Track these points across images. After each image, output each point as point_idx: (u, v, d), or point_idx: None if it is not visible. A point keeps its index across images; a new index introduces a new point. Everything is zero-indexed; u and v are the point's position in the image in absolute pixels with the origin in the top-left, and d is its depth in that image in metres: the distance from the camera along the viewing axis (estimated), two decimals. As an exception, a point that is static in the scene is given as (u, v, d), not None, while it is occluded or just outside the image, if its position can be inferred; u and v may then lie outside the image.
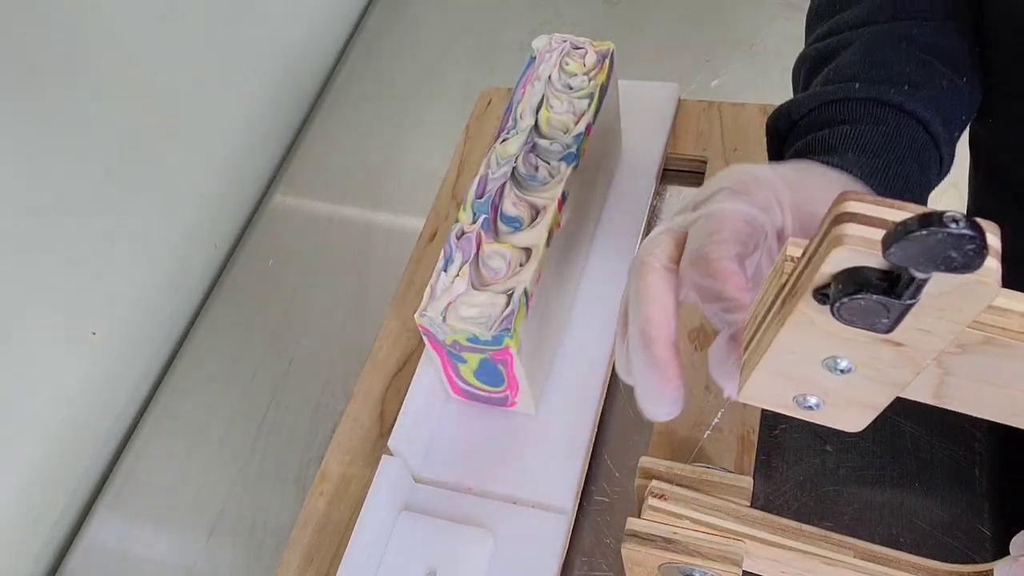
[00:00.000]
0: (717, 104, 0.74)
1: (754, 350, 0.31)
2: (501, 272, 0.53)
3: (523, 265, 0.53)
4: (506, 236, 0.55)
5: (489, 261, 0.54)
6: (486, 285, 0.53)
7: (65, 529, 0.68)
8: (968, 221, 0.21)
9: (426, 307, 0.52)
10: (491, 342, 0.51)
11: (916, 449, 0.57)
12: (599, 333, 0.62)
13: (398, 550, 0.54)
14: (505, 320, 0.51)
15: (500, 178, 0.56)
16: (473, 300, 0.52)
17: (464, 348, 0.53)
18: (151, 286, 0.74)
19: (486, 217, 0.55)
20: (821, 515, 0.56)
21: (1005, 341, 0.27)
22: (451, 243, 0.54)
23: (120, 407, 0.72)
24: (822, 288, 0.26)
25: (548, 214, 0.55)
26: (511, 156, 0.57)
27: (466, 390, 0.59)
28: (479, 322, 0.51)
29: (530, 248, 0.54)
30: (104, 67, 0.66)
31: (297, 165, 0.86)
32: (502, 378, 0.55)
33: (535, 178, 0.57)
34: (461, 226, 0.55)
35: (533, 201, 0.56)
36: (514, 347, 0.51)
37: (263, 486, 0.65)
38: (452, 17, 0.95)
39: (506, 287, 0.52)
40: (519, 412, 0.59)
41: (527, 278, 0.52)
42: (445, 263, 0.53)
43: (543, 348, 0.58)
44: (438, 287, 0.53)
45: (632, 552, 0.45)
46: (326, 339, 0.72)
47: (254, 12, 0.83)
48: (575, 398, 0.59)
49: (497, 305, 0.51)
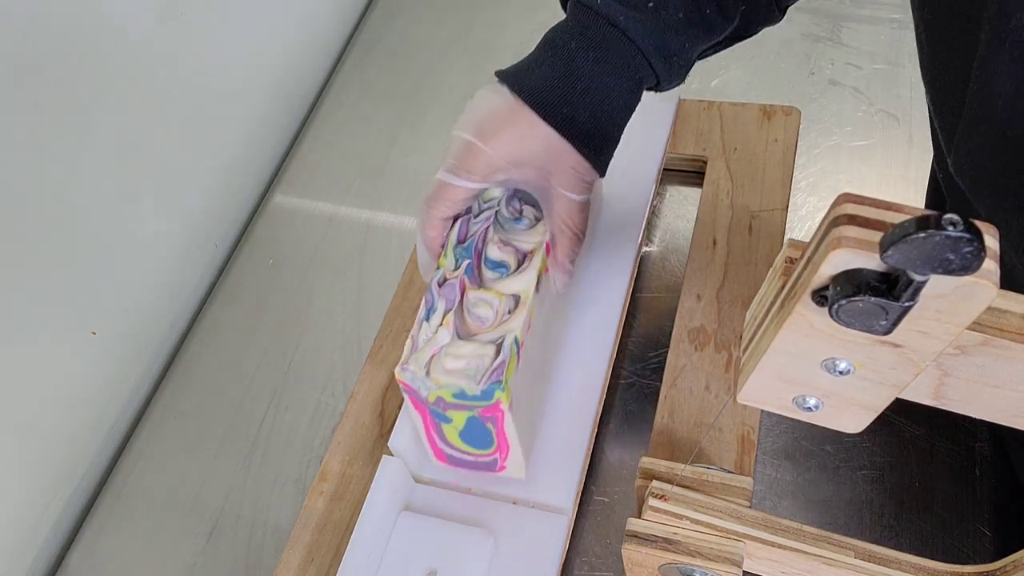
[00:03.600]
0: (717, 104, 0.74)
1: (753, 352, 0.31)
2: (488, 320, 0.49)
3: (511, 312, 0.50)
4: (492, 282, 0.51)
5: (474, 309, 0.50)
6: (472, 335, 0.49)
7: (65, 529, 0.68)
8: (966, 224, 0.21)
9: (407, 360, 0.48)
10: (480, 397, 0.47)
11: (916, 449, 0.57)
12: (598, 333, 0.62)
13: (398, 550, 0.54)
14: (495, 372, 0.47)
15: (483, 222, 0.53)
16: (459, 351, 0.48)
17: (449, 406, 0.49)
18: (151, 286, 0.74)
19: (469, 262, 0.51)
20: (821, 515, 0.56)
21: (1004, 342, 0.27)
22: (433, 291, 0.50)
23: (120, 407, 0.72)
24: (820, 290, 0.26)
25: (536, 259, 0.52)
26: (494, 200, 0.54)
27: (450, 455, 0.54)
28: (466, 374, 0.47)
29: (518, 295, 0.50)
30: (104, 67, 0.66)
31: (297, 165, 0.86)
32: (491, 439, 0.51)
33: (520, 221, 0.54)
34: (443, 272, 0.51)
35: (518, 245, 0.53)
36: (505, 402, 0.47)
37: (263, 486, 0.65)
38: (452, 17, 0.95)
39: (494, 336, 0.49)
40: (508, 477, 0.55)
41: (517, 326, 0.49)
42: (427, 312, 0.50)
43: (535, 405, 0.56)
44: (420, 338, 0.49)
45: (632, 552, 0.46)
46: (326, 339, 0.72)
47: (254, 12, 0.83)
48: (575, 398, 0.59)
49: (485, 356, 0.48)
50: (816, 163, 0.74)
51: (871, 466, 0.57)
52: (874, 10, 0.83)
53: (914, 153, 0.72)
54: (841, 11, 0.84)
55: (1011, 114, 0.36)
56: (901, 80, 0.78)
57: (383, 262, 0.76)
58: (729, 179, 0.69)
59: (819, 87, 0.79)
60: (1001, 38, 0.35)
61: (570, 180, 0.50)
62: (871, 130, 0.75)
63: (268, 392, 0.70)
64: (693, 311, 0.63)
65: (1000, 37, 0.35)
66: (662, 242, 0.71)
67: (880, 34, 0.81)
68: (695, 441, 0.56)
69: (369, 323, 0.71)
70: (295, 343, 0.73)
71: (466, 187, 0.50)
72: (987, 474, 0.56)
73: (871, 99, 0.77)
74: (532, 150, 0.49)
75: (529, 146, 0.49)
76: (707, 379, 0.59)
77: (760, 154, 0.70)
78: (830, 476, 0.57)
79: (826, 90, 0.78)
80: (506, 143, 0.49)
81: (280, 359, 0.72)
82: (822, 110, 0.77)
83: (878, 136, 0.74)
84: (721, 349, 0.61)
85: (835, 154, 0.74)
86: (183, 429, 0.70)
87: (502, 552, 0.54)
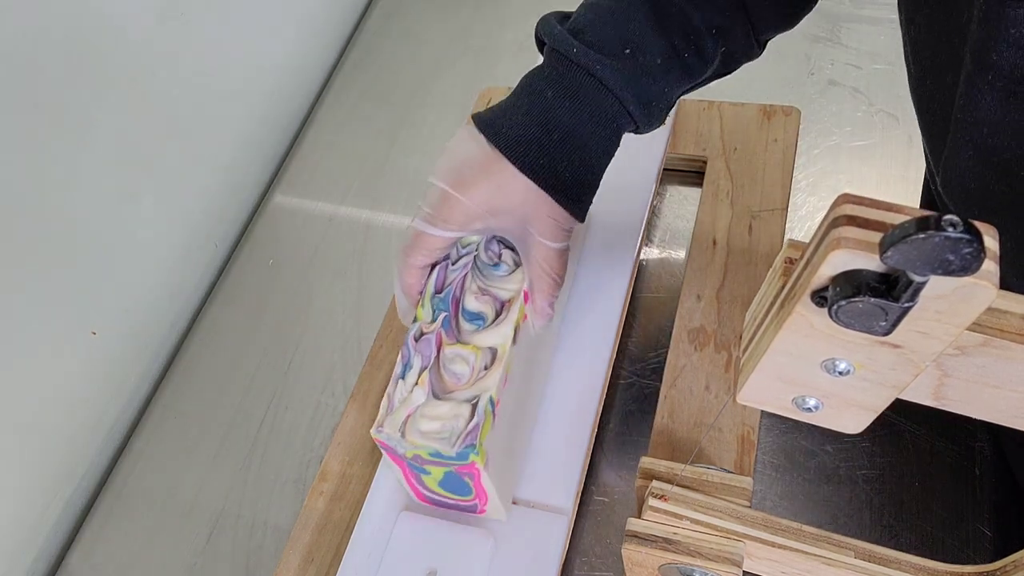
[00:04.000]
0: (717, 104, 0.74)
1: (753, 352, 0.31)
2: (464, 377, 0.49)
3: (488, 368, 0.49)
4: (469, 335, 0.51)
5: (451, 365, 0.50)
6: (448, 392, 0.49)
7: (66, 529, 0.68)
8: (966, 224, 0.21)
9: (383, 422, 0.48)
10: (455, 458, 0.47)
11: (916, 449, 0.57)
12: (598, 334, 0.62)
13: (398, 550, 0.54)
14: (470, 435, 0.47)
15: (461, 268, 0.53)
16: (434, 412, 0.48)
17: (427, 461, 0.49)
18: (151, 286, 0.74)
19: (446, 315, 0.51)
20: (821, 515, 0.56)
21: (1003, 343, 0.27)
22: (409, 346, 0.50)
23: (120, 407, 0.72)
24: (820, 291, 0.26)
25: (513, 309, 0.51)
26: (472, 244, 0.54)
27: (431, 498, 0.55)
28: (441, 437, 0.47)
29: (495, 348, 0.50)
30: (104, 67, 0.66)
31: (297, 165, 0.86)
32: (469, 489, 0.51)
33: (499, 267, 0.53)
34: (420, 326, 0.51)
35: (497, 293, 0.52)
36: (480, 463, 0.47)
37: (263, 486, 0.65)
38: (452, 17, 0.95)
39: (470, 395, 0.48)
40: (489, 518, 0.55)
41: (492, 384, 0.48)
42: (403, 369, 0.50)
43: (515, 449, 0.55)
44: (396, 397, 0.49)
45: (632, 553, 0.46)
46: (326, 339, 0.72)
47: (254, 12, 0.83)
48: (575, 398, 0.59)
49: (461, 417, 0.48)
50: (816, 163, 0.74)
51: (871, 466, 0.57)
52: (874, 10, 0.83)
53: (914, 153, 0.72)
54: (841, 11, 0.84)
55: (995, 142, 0.36)
56: (901, 80, 0.77)
57: (383, 262, 0.76)
58: (729, 179, 0.69)
59: (819, 87, 0.79)
60: (983, 70, 0.34)
61: (549, 229, 0.50)
62: (871, 130, 0.75)
63: (268, 392, 0.70)
64: (693, 311, 0.63)
65: (982, 69, 0.34)
66: (662, 242, 0.70)
67: (880, 34, 0.81)
68: (695, 441, 0.56)
69: (369, 323, 0.71)
70: (295, 343, 0.73)
71: (443, 236, 0.50)
72: (987, 474, 0.56)
73: (871, 99, 0.77)
74: (509, 199, 0.49)
75: (506, 195, 0.49)
76: (707, 379, 0.59)
77: (760, 154, 0.70)
78: (830, 476, 0.57)
79: (826, 90, 0.78)
80: (483, 193, 0.49)
81: (280, 359, 0.72)
82: (822, 110, 0.77)
83: (878, 136, 0.74)
84: (721, 349, 0.61)
85: (835, 154, 0.74)
86: (183, 429, 0.70)
87: (502, 552, 0.54)
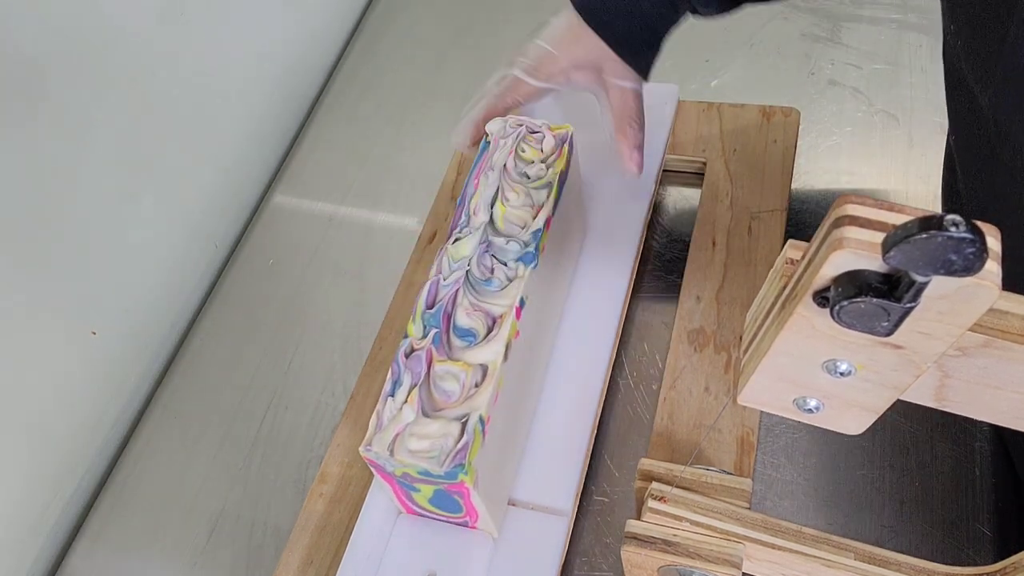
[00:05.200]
0: (717, 105, 0.74)
1: (753, 353, 0.31)
2: (454, 395, 0.49)
3: (478, 386, 0.49)
4: (460, 351, 0.50)
5: (441, 383, 0.49)
6: (438, 410, 0.48)
7: (65, 529, 0.68)
8: (968, 225, 0.21)
9: (371, 440, 0.48)
10: (444, 477, 0.47)
11: (916, 449, 0.57)
12: (598, 335, 0.62)
13: (398, 551, 0.54)
14: (459, 454, 0.46)
15: (452, 284, 0.52)
16: (423, 430, 0.47)
17: (416, 479, 0.49)
18: (151, 286, 0.74)
19: (437, 331, 0.50)
20: (821, 516, 0.56)
21: (1005, 344, 0.27)
22: (399, 362, 0.49)
23: (120, 407, 0.72)
24: (822, 291, 0.26)
25: (505, 326, 0.51)
26: (464, 259, 0.53)
27: (422, 513, 0.55)
28: (430, 456, 0.46)
29: (486, 365, 0.49)
30: (104, 67, 0.66)
31: (297, 165, 0.85)
32: (459, 507, 0.51)
33: (491, 282, 0.53)
34: (410, 342, 0.50)
35: (488, 309, 0.52)
36: (469, 482, 0.47)
37: (263, 486, 0.65)
38: (452, 17, 0.95)
39: (460, 413, 0.48)
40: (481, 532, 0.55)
41: (482, 403, 0.48)
42: (393, 387, 0.49)
43: (508, 463, 0.55)
44: (385, 415, 0.48)
45: (632, 554, 0.46)
46: (326, 339, 0.72)
47: (254, 12, 0.83)
48: (575, 398, 0.59)
49: (450, 435, 0.47)
50: (816, 163, 0.74)
51: (871, 466, 0.57)
52: (874, 10, 0.83)
53: (914, 153, 0.72)
54: (841, 11, 0.84)
55: None
56: (901, 80, 0.78)
57: (383, 262, 0.76)
58: (729, 180, 0.69)
59: (819, 87, 0.79)
60: None
61: (619, 69, 0.58)
62: (871, 130, 0.75)
63: (268, 392, 0.70)
64: (693, 312, 0.63)
65: None
66: (662, 243, 0.70)
67: (880, 34, 0.81)
68: (694, 442, 0.56)
69: (369, 323, 0.71)
70: (295, 343, 0.73)
71: (537, 87, 0.59)
72: (987, 474, 0.56)
73: (871, 99, 0.77)
74: (588, 54, 0.58)
75: (586, 50, 0.57)
76: (707, 380, 0.59)
77: (760, 155, 0.70)
78: (830, 477, 0.57)
79: (826, 90, 0.78)
80: (568, 48, 0.58)
81: (280, 359, 0.72)
82: (822, 110, 0.77)
83: (878, 136, 0.74)
84: (721, 350, 0.61)
85: (835, 154, 0.74)
86: (183, 429, 0.70)
87: (501, 554, 0.54)
